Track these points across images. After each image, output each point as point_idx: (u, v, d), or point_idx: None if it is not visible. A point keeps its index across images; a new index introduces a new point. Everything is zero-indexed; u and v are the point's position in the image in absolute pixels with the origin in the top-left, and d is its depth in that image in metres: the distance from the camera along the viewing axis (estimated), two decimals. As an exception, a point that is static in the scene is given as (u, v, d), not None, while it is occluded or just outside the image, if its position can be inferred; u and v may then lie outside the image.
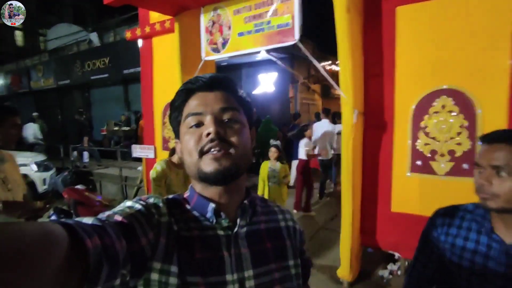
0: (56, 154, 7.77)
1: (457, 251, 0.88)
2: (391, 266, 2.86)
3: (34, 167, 5.24)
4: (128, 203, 0.58)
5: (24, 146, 8.42)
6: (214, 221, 0.61)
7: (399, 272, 2.80)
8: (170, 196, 0.66)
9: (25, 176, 5.13)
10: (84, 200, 2.80)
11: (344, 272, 2.56)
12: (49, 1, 18.84)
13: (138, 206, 0.56)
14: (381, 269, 2.89)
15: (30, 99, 13.57)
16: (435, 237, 0.94)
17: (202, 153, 0.58)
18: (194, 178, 0.62)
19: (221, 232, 0.60)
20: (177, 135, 0.66)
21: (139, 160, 4.64)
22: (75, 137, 7.33)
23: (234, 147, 0.59)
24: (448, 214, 0.94)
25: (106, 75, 9.42)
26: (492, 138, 0.81)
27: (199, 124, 0.60)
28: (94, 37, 9.96)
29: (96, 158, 7.43)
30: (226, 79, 0.65)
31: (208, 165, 0.57)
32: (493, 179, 0.78)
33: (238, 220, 0.62)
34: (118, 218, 0.51)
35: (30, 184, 5.18)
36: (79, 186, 3.05)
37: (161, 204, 0.60)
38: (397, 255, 2.69)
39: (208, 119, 0.59)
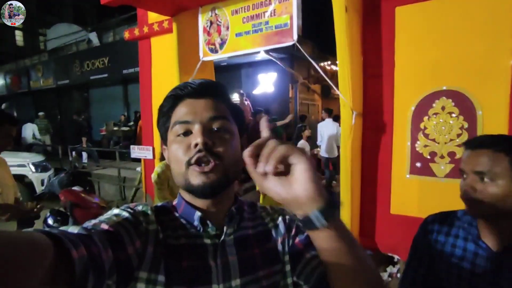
0: (54, 155, 7.76)
1: (445, 258, 0.88)
2: (390, 269, 2.84)
3: (32, 168, 5.22)
4: (116, 211, 0.56)
5: (22, 146, 8.43)
6: (201, 229, 0.59)
7: (398, 275, 2.78)
8: (159, 204, 0.65)
9: (23, 177, 5.13)
10: (80, 202, 2.78)
11: (343, 274, 2.54)
12: (49, 1, 18.85)
13: (125, 214, 0.55)
14: (380, 272, 2.87)
15: (30, 99, 13.58)
16: (425, 243, 0.94)
17: (189, 164, 0.56)
18: (182, 188, 0.60)
19: (208, 241, 0.59)
20: (164, 141, 0.64)
21: (138, 160, 4.62)
22: (73, 137, 7.31)
23: (222, 158, 0.57)
24: (438, 220, 0.94)
25: (105, 75, 9.43)
26: (475, 144, 0.80)
27: (187, 133, 0.58)
28: (93, 37, 9.96)
29: (94, 158, 7.41)
30: (216, 85, 0.64)
31: (196, 178, 0.56)
32: (476, 185, 0.77)
33: (225, 228, 0.61)
34: (105, 226, 0.50)
35: (28, 185, 5.16)
36: (76, 188, 3.03)
37: (149, 212, 0.59)
38: (396, 257, 2.67)
39: (196, 128, 0.57)
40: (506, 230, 0.78)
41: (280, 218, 0.68)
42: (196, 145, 0.56)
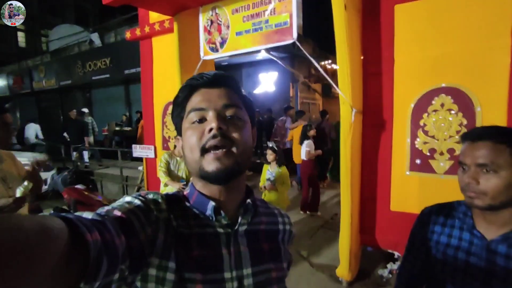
0: (57, 154, 7.80)
1: (441, 248, 0.89)
2: (390, 265, 2.85)
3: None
4: (127, 198, 0.58)
5: (26, 146, 8.48)
6: (214, 218, 0.61)
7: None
8: (170, 193, 0.66)
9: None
10: (84, 200, 2.80)
11: (343, 271, 2.55)
12: (51, 2, 18.94)
13: (137, 201, 0.56)
14: (381, 268, 2.88)
15: (32, 99, 13.63)
16: (422, 235, 0.95)
17: (204, 150, 0.58)
18: (195, 175, 0.61)
19: (220, 230, 0.60)
20: (178, 131, 0.65)
21: (140, 160, 4.65)
22: (76, 137, 7.34)
23: (236, 144, 0.58)
24: (434, 212, 0.95)
25: (107, 76, 9.45)
26: (474, 136, 0.80)
27: (201, 120, 0.60)
28: (95, 37, 9.99)
29: (96, 158, 7.45)
30: (230, 77, 0.65)
31: (210, 164, 0.57)
32: (479, 177, 0.77)
33: (240, 219, 0.62)
34: (117, 213, 0.51)
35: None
36: (79, 186, 3.05)
37: (160, 200, 0.60)
38: (396, 254, 2.68)
39: (210, 115, 0.59)
40: (500, 219, 0.80)
41: (288, 227, 0.72)
42: (210, 130, 0.57)
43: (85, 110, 7.76)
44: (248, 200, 0.63)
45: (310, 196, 4.58)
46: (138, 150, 4.13)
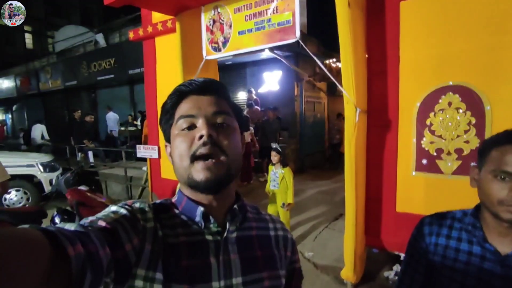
0: (63, 155, 7.88)
1: (448, 262, 0.81)
2: (396, 267, 2.80)
3: (41, 168, 5.30)
4: (113, 208, 0.56)
5: (32, 147, 8.59)
6: (203, 225, 0.59)
7: (405, 274, 2.74)
8: (158, 201, 0.64)
9: (32, 177, 5.23)
10: (86, 201, 2.81)
11: (348, 273, 2.51)
12: (57, 4, 19.14)
13: (123, 211, 0.55)
14: (386, 270, 2.83)
15: (39, 100, 13.80)
16: (423, 247, 0.87)
17: (194, 158, 0.56)
18: (183, 183, 0.60)
19: (209, 237, 0.58)
20: (167, 138, 0.64)
21: (144, 160, 4.65)
22: (80, 138, 7.40)
23: (226, 153, 0.57)
24: (435, 223, 0.87)
25: (112, 76, 9.51)
26: None
27: (191, 127, 0.58)
28: (100, 38, 10.06)
29: (101, 158, 7.49)
30: (219, 84, 0.64)
31: (199, 173, 0.56)
32: None
33: (228, 225, 0.60)
34: (102, 223, 0.50)
35: (37, 185, 5.25)
36: (82, 187, 3.06)
37: (147, 209, 0.58)
38: (402, 255, 2.63)
39: (200, 122, 0.58)
40: None
41: (281, 232, 0.69)
42: (200, 137, 0.56)
43: (91, 117, 7.79)
44: (235, 206, 0.62)
45: None
46: (142, 151, 4.13)
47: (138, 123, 9.00)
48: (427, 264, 0.86)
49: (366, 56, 2.51)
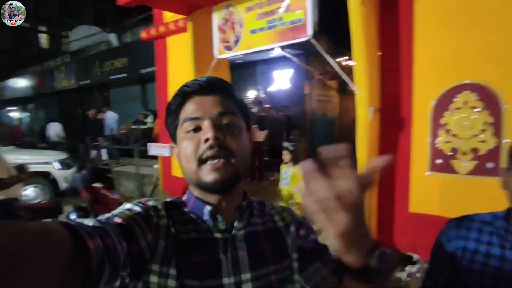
0: (77, 152, 8.05)
1: (477, 267, 0.79)
2: (409, 268, 2.77)
3: (57, 165, 5.44)
4: (128, 205, 0.58)
5: (49, 145, 8.80)
6: (211, 223, 0.60)
7: (417, 275, 2.70)
8: (169, 199, 0.66)
9: (48, 174, 5.37)
10: (100, 198, 2.87)
11: (360, 273, 2.49)
12: (71, 4, 19.51)
13: (137, 208, 0.56)
14: (399, 271, 2.80)
15: (54, 99, 14.12)
16: (449, 251, 0.85)
17: (201, 161, 0.57)
18: (193, 184, 0.61)
19: (218, 235, 0.60)
20: (173, 139, 0.65)
21: (156, 158, 4.71)
22: (94, 136, 7.55)
23: (233, 154, 0.58)
24: (463, 226, 0.85)
25: (124, 75, 9.64)
26: None
27: (197, 129, 0.59)
28: (112, 37, 10.21)
29: (114, 156, 7.63)
30: (223, 82, 0.64)
31: (208, 175, 0.56)
32: None
33: (236, 223, 0.61)
34: (118, 220, 0.51)
35: (53, 182, 5.39)
36: (96, 184, 3.13)
37: (160, 207, 0.60)
38: (416, 256, 2.60)
39: (206, 124, 0.57)
40: None
41: (290, 218, 0.69)
42: (206, 140, 0.56)
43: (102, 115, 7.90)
44: (243, 203, 0.63)
45: None
46: (153, 149, 4.19)
47: (149, 121, 9.09)
48: (452, 268, 0.84)
49: (379, 53, 2.47)
